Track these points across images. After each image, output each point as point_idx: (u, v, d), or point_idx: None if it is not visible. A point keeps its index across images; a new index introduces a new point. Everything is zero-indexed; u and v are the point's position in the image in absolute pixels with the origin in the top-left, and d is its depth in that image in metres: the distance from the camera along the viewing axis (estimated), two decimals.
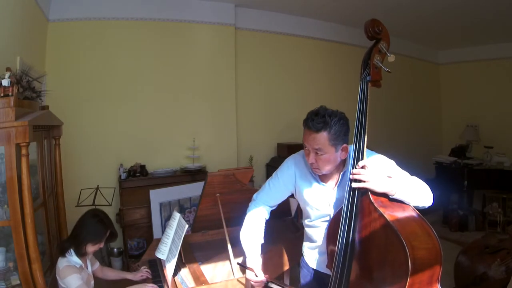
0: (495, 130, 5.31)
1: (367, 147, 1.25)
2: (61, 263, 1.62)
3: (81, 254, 1.67)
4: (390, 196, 1.14)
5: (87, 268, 1.74)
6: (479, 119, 5.55)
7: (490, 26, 4.61)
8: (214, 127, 4.00)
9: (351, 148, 1.26)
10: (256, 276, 1.38)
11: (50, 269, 1.91)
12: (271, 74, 4.38)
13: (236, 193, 2.00)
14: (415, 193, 1.17)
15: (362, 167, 1.16)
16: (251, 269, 1.40)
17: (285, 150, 3.97)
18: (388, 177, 1.16)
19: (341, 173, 1.36)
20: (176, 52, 3.77)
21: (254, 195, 1.58)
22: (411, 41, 5.61)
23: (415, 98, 5.90)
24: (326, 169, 1.33)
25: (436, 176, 4.89)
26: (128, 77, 3.58)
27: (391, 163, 1.32)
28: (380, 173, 1.15)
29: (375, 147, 1.48)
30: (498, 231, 4.07)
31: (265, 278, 1.39)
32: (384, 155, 1.37)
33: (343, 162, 1.37)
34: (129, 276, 1.86)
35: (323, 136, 1.26)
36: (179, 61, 3.79)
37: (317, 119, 1.26)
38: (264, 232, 1.52)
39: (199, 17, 3.85)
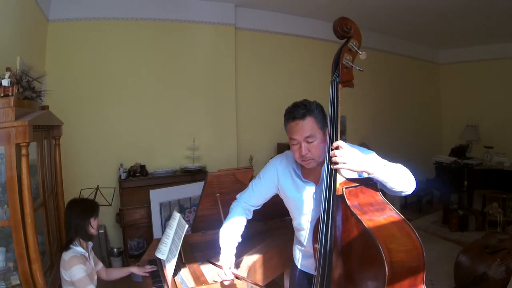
0: (495, 130, 5.31)
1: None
2: (67, 254, 1.66)
3: (89, 236, 1.77)
4: (370, 175, 1.13)
5: (90, 260, 1.76)
6: (479, 119, 5.55)
7: (491, 26, 4.61)
8: (214, 127, 3.99)
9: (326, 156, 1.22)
10: (225, 274, 1.41)
11: (50, 269, 1.91)
12: (271, 74, 4.38)
13: (236, 193, 1.98)
14: (394, 174, 1.15)
15: (337, 148, 1.11)
16: (220, 267, 1.42)
17: (285, 150, 3.96)
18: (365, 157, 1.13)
19: (322, 168, 1.32)
20: (176, 52, 3.77)
21: (238, 195, 1.60)
22: (411, 41, 5.61)
23: (415, 98, 5.89)
24: (320, 156, 1.31)
25: (436, 176, 4.89)
26: (128, 77, 3.58)
27: (371, 152, 1.30)
28: (357, 152, 1.12)
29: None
30: (498, 231, 4.06)
31: (233, 276, 1.41)
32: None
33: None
34: (134, 269, 1.86)
35: (310, 121, 1.27)
36: (179, 61, 3.79)
37: (299, 108, 1.28)
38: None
39: (199, 17, 3.85)
